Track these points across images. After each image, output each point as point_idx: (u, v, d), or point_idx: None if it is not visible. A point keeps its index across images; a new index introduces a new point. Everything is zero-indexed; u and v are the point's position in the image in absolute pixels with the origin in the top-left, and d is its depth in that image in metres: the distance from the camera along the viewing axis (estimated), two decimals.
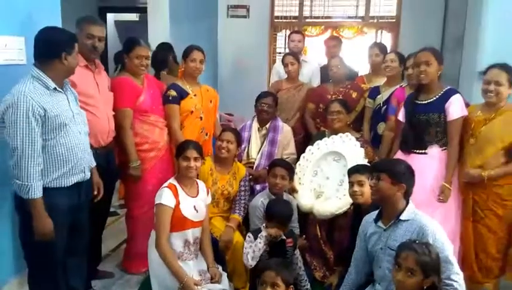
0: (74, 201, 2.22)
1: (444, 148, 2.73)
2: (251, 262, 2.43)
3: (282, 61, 3.94)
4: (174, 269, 2.40)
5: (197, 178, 2.74)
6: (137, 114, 2.88)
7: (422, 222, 2.05)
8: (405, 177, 2.15)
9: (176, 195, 2.51)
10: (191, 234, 2.57)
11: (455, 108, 2.64)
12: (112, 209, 3.30)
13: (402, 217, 2.10)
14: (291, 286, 2.02)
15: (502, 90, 2.53)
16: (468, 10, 4.16)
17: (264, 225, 2.54)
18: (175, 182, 2.57)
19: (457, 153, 2.68)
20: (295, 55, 3.97)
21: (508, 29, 3.36)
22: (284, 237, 2.50)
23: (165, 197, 2.46)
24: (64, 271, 2.32)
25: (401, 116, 2.91)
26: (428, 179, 2.69)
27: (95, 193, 2.48)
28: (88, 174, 2.33)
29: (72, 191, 2.20)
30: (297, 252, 2.62)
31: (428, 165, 2.70)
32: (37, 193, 2.02)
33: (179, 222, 2.50)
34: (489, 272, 2.67)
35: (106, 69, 2.93)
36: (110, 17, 7.07)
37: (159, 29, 4.54)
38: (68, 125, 2.14)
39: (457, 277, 1.94)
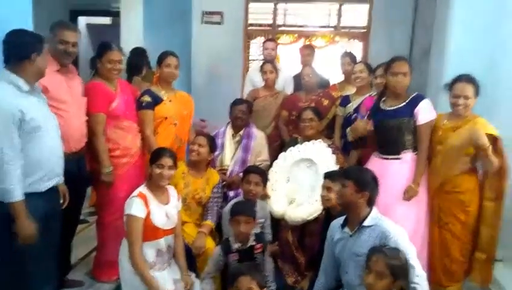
0: (49, 206, 2.19)
1: (416, 152, 2.81)
2: None
3: (261, 68, 3.97)
4: (147, 280, 2.36)
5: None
6: (110, 119, 2.86)
7: (384, 227, 2.12)
8: (369, 186, 2.22)
9: (147, 204, 2.44)
10: (164, 242, 2.53)
11: (425, 112, 2.74)
12: (81, 217, 3.23)
13: (365, 223, 2.17)
14: (265, 288, 2.04)
15: (470, 103, 2.65)
16: (435, 22, 4.31)
17: (230, 237, 2.55)
18: (145, 191, 2.50)
19: (427, 157, 2.76)
20: (274, 64, 4.01)
21: (473, 41, 3.49)
22: (252, 243, 2.51)
23: (135, 207, 2.39)
24: (32, 280, 2.26)
25: (370, 124, 2.98)
26: (401, 184, 2.76)
27: (61, 200, 2.44)
28: (62, 179, 2.29)
29: (48, 196, 2.17)
30: (267, 256, 2.63)
31: (403, 170, 2.77)
32: (19, 195, 2.00)
33: (151, 232, 2.46)
34: (453, 275, 2.77)
35: (78, 73, 2.89)
36: (82, 20, 6.95)
37: (132, 34, 4.51)
38: (43, 128, 2.11)
39: (417, 279, 1.99)
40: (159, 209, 2.50)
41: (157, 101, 3.10)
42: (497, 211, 2.66)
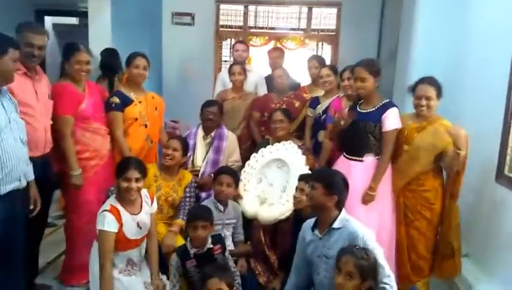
0: (8, 211, 2.12)
1: (378, 157, 2.85)
2: None
3: (229, 70, 3.98)
4: None
5: None
6: (79, 121, 2.82)
7: (352, 228, 2.16)
8: (338, 189, 2.25)
9: (119, 219, 2.36)
10: (136, 253, 2.50)
11: (390, 120, 2.78)
12: (49, 220, 3.16)
13: (334, 225, 2.21)
14: (234, 287, 2.06)
15: (432, 104, 2.72)
16: (401, 24, 4.45)
17: (187, 243, 2.54)
18: (116, 204, 2.40)
19: (387, 164, 2.81)
20: (243, 65, 4.02)
21: (436, 44, 3.63)
22: (210, 246, 2.52)
23: (108, 223, 2.31)
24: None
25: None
26: (363, 186, 2.81)
27: (31, 207, 2.39)
28: (24, 183, 2.24)
29: (6, 200, 2.11)
30: (227, 254, 2.64)
31: (364, 172, 2.82)
32: None
33: (123, 243, 2.41)
34: (421, 271, 2.85)
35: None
36: (48, 20, 6.78)
37: (101, 35, 4.45)
38: (2, 131, 2.05)
39: (388, 279, 2.03)
40: (130, 220, 2.43)
41: (126, 102, 3.07)
42: (453, 209, 2.75)
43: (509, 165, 2.74)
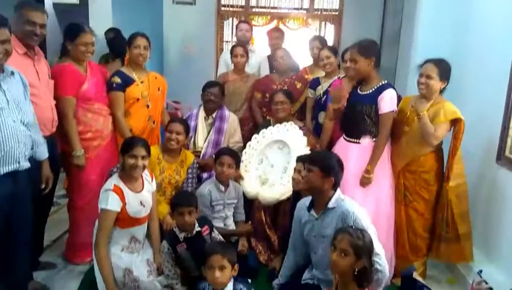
0: (7, 190, 2.14)
1: (375, 139, 2.83)
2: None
3: (231, 51, 3.93)
4: (104, 277, 2.34)
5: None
6: (81, 102, 2.81)
7: (345, 207, 2.21)
8: (334, 171, 2.29)
9: (122, 198, 2.38)
10: (141, 230, 2.53)
11: (386, 102, 2.74)
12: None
13: (329, 205, 2.26)
14: (236, 264, 2.10)
15: (432, 83, 2.69)
16: (404, 8, 4.40)
17: (174, 228, 2.57)
18: (119, 183, 2.41)
19: (383, 146, 2.78)
20: (245, 47, 3.97)
21: (439, 26, 3.59)
22: (198, 229, 2.55)
23: (111, 202, 2.33)
24: (5, 262, 2.24)
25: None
26: (360, 168, 2.80)
27: (43, 186, 2.40)
28: (24, 165, 2.21)
29: (6, 181, 2.12)
30: (215, 233, 2.67)
31: (362, 154, 2.82)
32: None
33: (126, 221, 2.43)
34: (419, 250, 2.89)
35: (45, 56, 2.81)
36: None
37: (101, 14, 4.40)
38: (2, 111, 2.05)
39: (377, 257, 2.07)
40: (133, 199, 2.45)
41: (128, 82, 3.06)
42: (448, 191, 2.75)
43: (510, 146, 2.76)
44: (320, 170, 2.24)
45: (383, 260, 2.11)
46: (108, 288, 2.33)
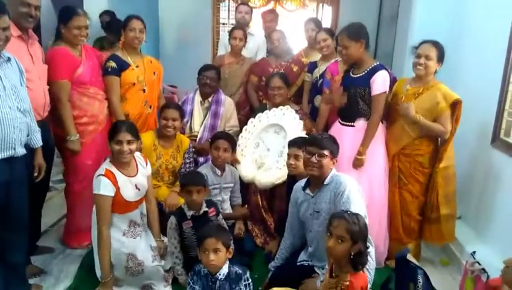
0: (3, 176, 2.14)
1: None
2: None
3: (230, 33, 3.87)
4: (102, 264, 2.37)
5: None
6: (76, 86, 2.80)
7: (339, 180, 2.26)
8: (337, 150, 2.35)
9: (115, 182, 2.37)
10: (137, 213, 2.54)
11: (378, 84, 2.74)
12: (50, 185, 3.21)
13: (325, 182, 2.30)
14: (231, 247, 2.13)
15: (431, 64, 2.68)
16: None
17: (183, 205, 2.59)
18: (111, 167, 2.40)
19: (376, 128, 2.79)
20: (245, 31, 3.92)
21: (436, 8, 3.57)
22: (206, 209, 2.57)
23: (103, 187, 2.33)
24: (2, 248, 2.26)
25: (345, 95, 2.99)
26: (355, 151, 2.81)
27: (36, 173, 2.41)
28: (20, 151, 2.21)
29: (0, 166, 2.12)
30: (220, 217, 2.69)
31: (356, 137, 2.83)
32: None
33: (123, 206, 2.44)
34: (412, 232, 2.93)
35: (40, 41, 2.79)
36: None
37: None
38: None
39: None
40: (127, 183, 2.45)
41: (123, 66, 3.04)
42: (438, 172, 2.78)
43: (505, 129, 2.76)
44: (330, 153, 2.29)
45: (371, 242, 2.13)
46: (105, 278, 2.38)
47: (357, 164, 2.80)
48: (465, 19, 3.39)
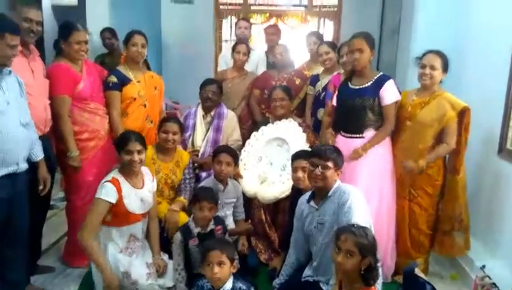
0: (6, 192, 2.12)
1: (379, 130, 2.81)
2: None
3: (234, 48, 3.89)
4: (95, 257, 2.30)
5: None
6: (77, 102, 2.79)
7: (343, 190, 2.22)
8: (342, 161, 2.31)
9: (119, 190, 2.37)
10: (139, 227, 2.50)
11: (390, 93, 2.75)
12: (51, 203, 3.18)
13: (330, 194, 2.26)
14: (235, 261, 2.08)
15: (436, 74, 2.68)
16: (403, 2, 4.36)
17: (189, 223, 2.55)
18: (118, 176, 2.42)
19: (387, 134, 2.79)
20: (248, 46, 3.95)
21: (437, 19, 3.56)
22: (213, 226, 2.53)
23: (106, 192, 2.32)
24: (2, 264, 2.22)
25: (334, 100, 3.00)
26: (366, 162, 2.78)
27: (41, 187, 2.39)
28: (23, 166, 2.23)
29: (3, 182, 2.10)
30: (227, 236, 2.65)
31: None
32: None
33: (123, 217, 2.41)
34: (421, 247, 2.86)
35: (43, 56, 2.81)
36: (47, 1, 6.69)
37: (99, 15, 4.39)
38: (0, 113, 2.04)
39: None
40: (133, 194, 2.44)
41: (124, 81, 3.04)
42: (457, 184, 2.74)
43: (511, 139, 2.71)
44: (334, 164, 2.26)
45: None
46: (102, 267, 2.29)
47: (354, 156, 2.76)
48: (467, 29, 3.37)
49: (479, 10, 3.26)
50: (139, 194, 2.47)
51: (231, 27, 5.87)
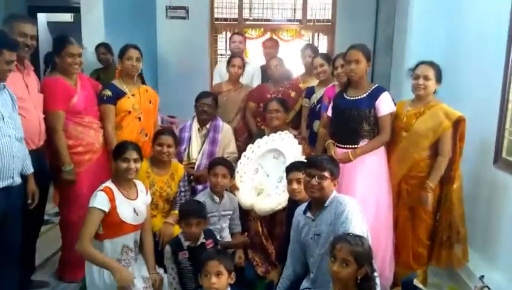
0: (1, 206, 2.11)
1: None
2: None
3: (229, 61, 3.91)
4: (101, 261, 2.26)
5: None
6: (71, 116, 2.78)
7: (340, 200, 2.20)
8: (338, 171, 2.30)
9: (112, 199, 2.36)
10: (131, 238, 2.47)
11: (385, 104, 2.76)
12: (46, 217, 3.15)
13: (326, 204, 2.24)
14: (233, 272, 2.06)
15: (430, 84, 2.70)
16: (396, 15, 4.42)
17: (180, 235, 2.52)
18: (111, 185, 2.42)
19: (382, 144, 2.79)
20: (243, 59, 3.99)
21: (430, 32, 3.61)
22: (203, 240, 2.50)
23: (98, 200, 2.30)
24: None
25: (329, 111, 3.01)
26: (363, 173, 2.77)
27: (29, 201, 2.37)
28: (17, 180, 2.22)
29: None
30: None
31: (361, 158, 2.78)
32: None
33: (117, 227, 2.38)
34: (420, 258, 2.83)
35: (38, 71, 2.81)
36: (42, 17, 6.74)
37: (94, 30, 4.41)
38: None
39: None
40: (126, 204, 2.42)
41: (119, 95, 3.04)
42: (452, 194, 2.74)
43: (507, 148, 2.72)
44: (330, 174, 2.25)
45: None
46: (111, 266, 2.24)
47: (343, 157, 2.75)
48: (461, 40, 3.41)
49: (472, 23, 3.29)
50: (133, 204, 2.46)
51: (226, 41, 5.91)
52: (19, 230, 2.32)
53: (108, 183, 2.43)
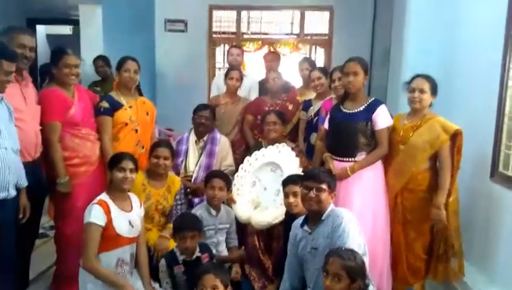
0: None
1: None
2: None
3: (227, 74, 3.94)
4: (111, 278, 2.29)
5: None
6: (68, 127, 2.77)
7: (337, 213, 2.20)
8: (335, 184, 2.30)
9: (108, 212, 2.35)
10: (127, 251, 2.46)
11: (382, 118, 2.78)
12: (41, 231, 3.12)
13: (323, 217, 2.23)
14: (229, 286, 2.05)
15: (425, 98, 2.71)
16: (392, 29, 4.46)
17: (175, 249, 2.51)
18: (106, 198, 2.42)
19: (378, 158, 2.80)
20: (241, 72, 4.01)
21: (426, 46, 3.64)
22: (199, 254, 2.49)
23: (94, 215, 2.31)
24: None
25: (326, 124, 3.02)
26: (360, 188, 2.77)
27: (20, 215, 2.36)
28: (12, 193, 2.20)
29: None
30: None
31: (358, 173, 2.78)
32: None
33: (113, 240, 2.37)
34: (417, 272, 2.81)
35: (34, 83, 2.81)
36: (41, 30, 6.78)
37: (92, 43, 4.44)
38: None
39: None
40: (121, 216, 2.42)
41: (116, 106, 3.04)
42: (448, 207, 2.72)
43: (503, 162, 2.72)
44: (328, 186, 2.25)
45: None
46: (119, 284, 2.27)
47: (340, 172, 2.74)
48: (457, 53, 3.43)
49: (467, 36, 3.32)
50: (128, 216, 2.45)
51: (224, 54, 5.95)
52: (13, 243, 2.29)
53: (103, 196, 2.43)
